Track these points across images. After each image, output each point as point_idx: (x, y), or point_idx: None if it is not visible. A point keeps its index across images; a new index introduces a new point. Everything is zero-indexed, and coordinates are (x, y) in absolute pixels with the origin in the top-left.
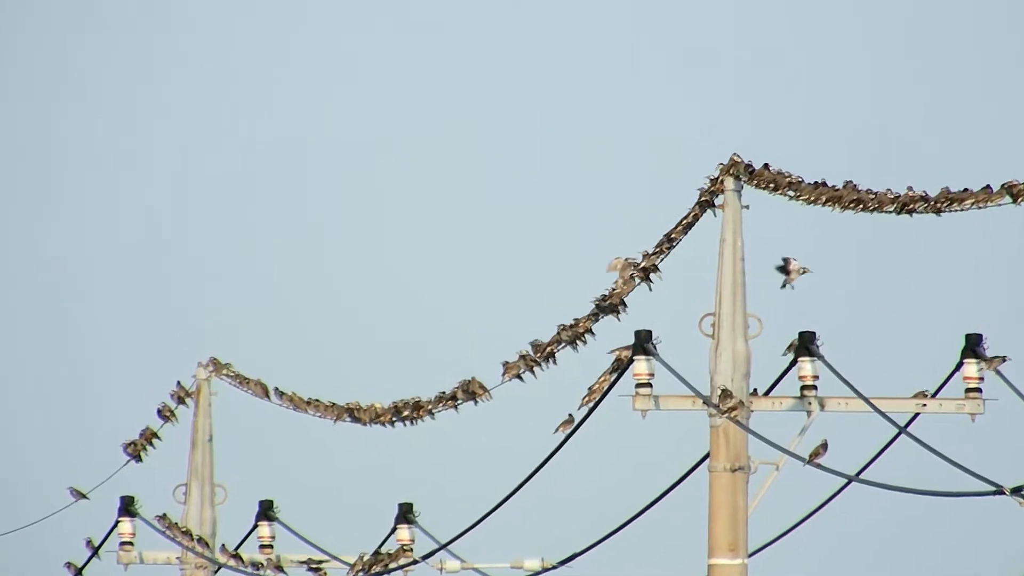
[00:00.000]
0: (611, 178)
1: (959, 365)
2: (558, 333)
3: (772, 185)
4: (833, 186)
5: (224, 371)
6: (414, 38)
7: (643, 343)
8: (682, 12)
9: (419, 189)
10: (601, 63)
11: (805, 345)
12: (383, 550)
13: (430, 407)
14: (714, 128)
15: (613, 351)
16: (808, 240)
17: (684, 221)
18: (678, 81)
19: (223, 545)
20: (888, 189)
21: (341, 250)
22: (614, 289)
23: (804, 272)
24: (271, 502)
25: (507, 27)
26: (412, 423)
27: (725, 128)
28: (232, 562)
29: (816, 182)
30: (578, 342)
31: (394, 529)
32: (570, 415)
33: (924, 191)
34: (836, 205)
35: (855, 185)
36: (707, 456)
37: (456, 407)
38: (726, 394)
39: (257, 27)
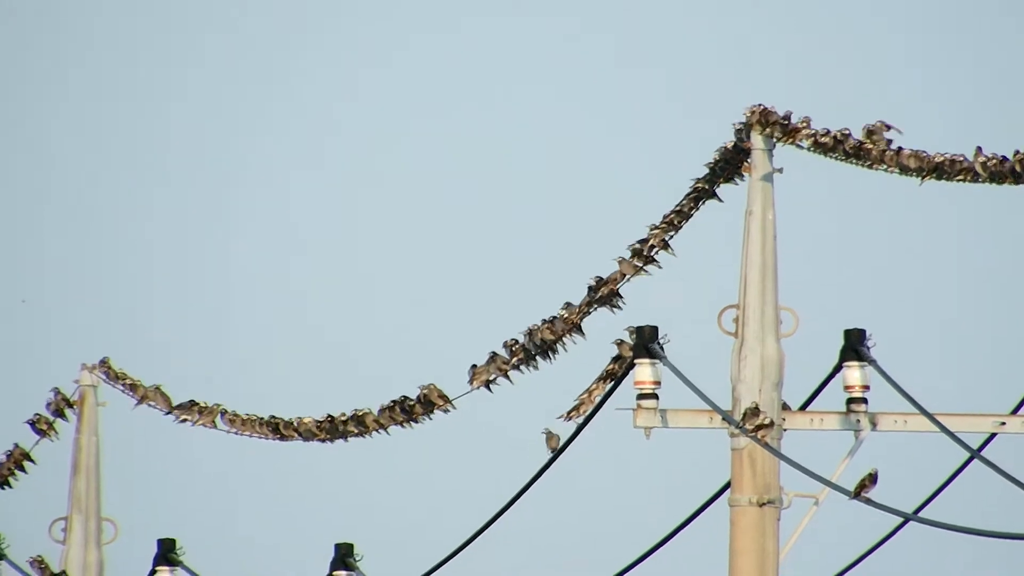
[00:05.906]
0: (614, 146)
1: None
2: (540, 328)
3: (822, 143)
4: (921, 151)
5: (117, 376)
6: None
7: (647, 343)
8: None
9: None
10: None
11: (852, 347)
12: None
13: (376, 421)
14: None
15: (614, 355)
16: (855, 214)
17: (698, 187)
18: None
19: None
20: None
21: (263, 229)
22: (611, 276)
23: None
24: (173, 542)
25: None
26: (356, 439)
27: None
28: None
29: (889, 142)
30: (565, 339)
31: None
32: (547, 430)
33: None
34: (917, 173)
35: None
36: (727, 487)
37: (409, 422)
38: (752, 409)
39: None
